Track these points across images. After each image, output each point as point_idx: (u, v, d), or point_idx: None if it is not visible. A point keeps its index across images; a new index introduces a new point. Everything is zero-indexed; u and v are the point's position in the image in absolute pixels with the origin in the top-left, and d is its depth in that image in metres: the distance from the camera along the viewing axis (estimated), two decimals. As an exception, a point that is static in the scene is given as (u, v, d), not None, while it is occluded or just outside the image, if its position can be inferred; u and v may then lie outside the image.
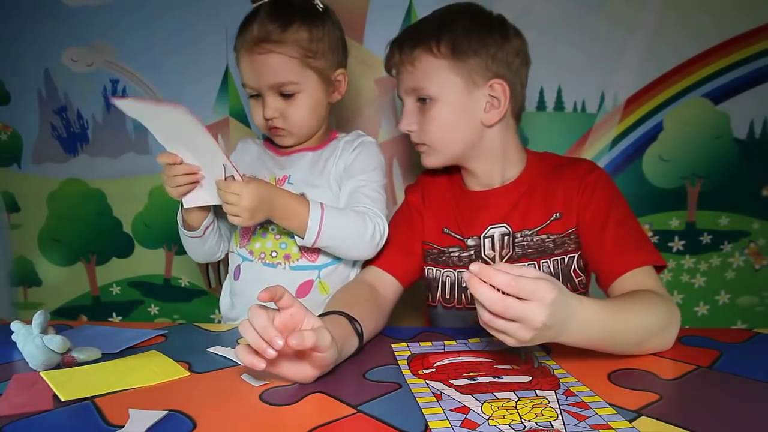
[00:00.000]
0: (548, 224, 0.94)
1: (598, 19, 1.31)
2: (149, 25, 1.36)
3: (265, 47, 0.93)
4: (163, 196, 1.42)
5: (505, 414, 0.59)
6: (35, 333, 0.76)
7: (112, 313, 1.49)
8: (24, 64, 1.40)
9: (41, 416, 0.61)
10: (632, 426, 0.56)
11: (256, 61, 0.94)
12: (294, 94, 0.96)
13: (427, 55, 0.92)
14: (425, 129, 0.95)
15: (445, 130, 0.94)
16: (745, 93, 1.32)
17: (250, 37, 0.93)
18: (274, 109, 0.96)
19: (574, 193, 0.93)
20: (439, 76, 0.92)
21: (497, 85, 0.92)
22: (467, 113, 0.94)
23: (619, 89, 1.33)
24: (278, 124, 0.97)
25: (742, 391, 0.66)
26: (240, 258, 1.01)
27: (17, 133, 1.43)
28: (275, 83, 0.94)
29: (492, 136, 0.96)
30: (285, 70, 0.94)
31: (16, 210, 1.47)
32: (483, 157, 0.97)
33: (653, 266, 0.87)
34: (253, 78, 0.95)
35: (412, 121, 0.96)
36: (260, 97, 0.97)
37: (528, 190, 0.97)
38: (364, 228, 0.92)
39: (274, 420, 0.61)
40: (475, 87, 0.92)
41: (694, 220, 1.36)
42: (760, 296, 1.39)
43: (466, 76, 0.91)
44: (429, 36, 0.92)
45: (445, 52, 0.91)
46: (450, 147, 0.96)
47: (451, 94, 0.92)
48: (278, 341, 0.63)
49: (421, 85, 0.93)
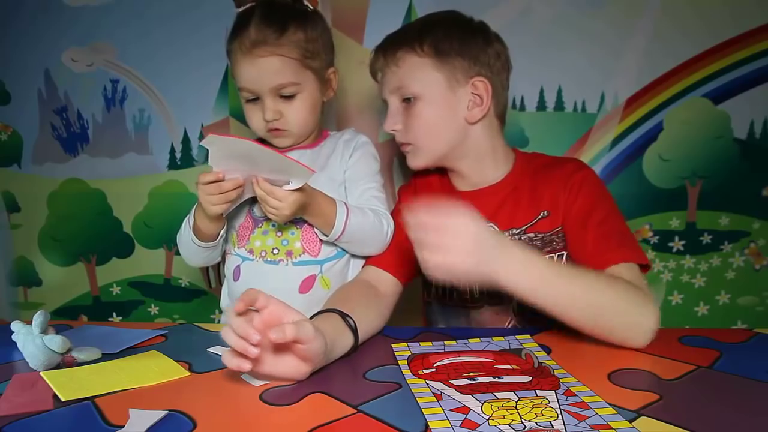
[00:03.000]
0: (535, 222, 0.95)
1: (598, 19, 1.31)
2: (149, 25, 1.36)
3: (265, 50, 0.93)
4: (163, 196, 1.42)
5: (505, 414, 0.59)
6: (35, 333, 0.76)
7: (112, 313, 1.49)
8: (24, 64, 1.40)
9: (41, 416, 0.61)
10: (632, 426, 0.56)
11: (256, 63, 0.94)
12: (294, 95, 0.97)
13: (410, 55, 0.94)
14: (410, 128, 0.97)
15: (430, 128, 0.96)
16: (745, 93, 1.32)
17: (248, 40, 0.94)
18: (274, 111, 0.96)
19: (560, 191, 0.93)
20: (423, 74, 0.94)
21: (479, 83, 0.94)
22: (451, 111, 0.95)
23: (619, 89, 1.33)
24: (279, 125, 0.98)
25: (742, 391, 0.66)
26: (239, 258, 1.01)
27: (17, 133, 1.43)
28: (276, 85, 0.95)
29: (476, 136, 0.97)
30: (286, 72, 0.95)
31: (16, 210, 1.47)
32: (468, 156, 0.98)
33: (637, 266, 0.86)
34: (253, 81, 0.96)
35: (397, 120, 0.98)
36: (258, 100, 0.97)
37: (515, 190, 0.97)
38: (380, 226, 0.96)
39: (274, 420, 0.61)
40: (458, 85, 0.94)
41: (694, 220, 1.36)
42: (760, 296, 1.38)
43: (448, 74, 0.94)
44: (412, 38, 0.95)
45: (428, 51, 0.93)
46: (434, 146, 0.97)
47: (435, 92, 0.94)
48: (254, 336, 0.64)
49: (405, 83, 0.95)
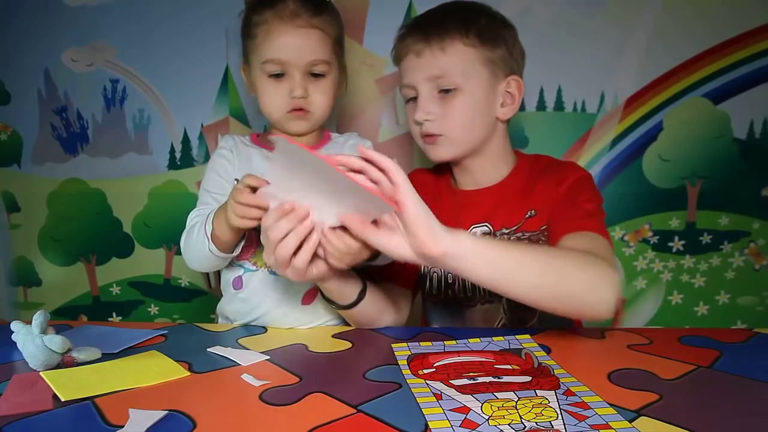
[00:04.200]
0: (524, 222, 0.95)
1: (598, 19, 1.31)
2: (149, 25, 1.36)
3: (308, 21, 0.91)
4: (163, 196, 1.42)
5: (505, 414, 0.59)
6: (35, 333, 0.75)
7: (112, 313, 1.49)
8: (24, 64, 1.40)
9: (41, 416, 0.61)
10: (632, 426, 0.56)
11: (296, 34, 0.92)
12: (322, 76, 0.95)
13: (459, 41, 0.90)
14: (445, 119, 0.93)
15: (466, 121, 0.94)
16: (744, 93, 1.32)
17: (288, 10, 0.91)
18: (304, 88, 0.93)
19: (550, 190, 0.93)
20: (469, 66, 0.91)
21: (513, 81, 0.94)
22: (488, 106, 0.94)
23: (619, 89, 1.33)
24: (304, 105, 0.95)
25: (742, 391, 0.66)
26: (241, 269, 0.98)
27: (17, 133, 1.43)
28: (312, 60, 0.93)
29: (499, 134, 0.98)
30: (323, 48, 0.93)
31: (16, 210, 1.47)
32: (484, 154, 0.98)
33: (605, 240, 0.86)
34: (288, 51, 0.92)
35: (430, 109, 0.93)
36: (282, 76, 0.94)
37: (511, 191, 0.98)
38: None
39: (274, 420, 0.61)
40: (497, 81, 0.94)
41: (694, 219, 1.36)
42: (760, 296, 1.39)
43: (491, 68, 0.93)
44: (458, 22, 0.91)
45: (473, 41, 0.90)
46: (467, 139, 0.95)
47: (477, 86, 0.92)
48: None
49: (449, 73, 0.91)
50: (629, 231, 1.37)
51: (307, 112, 0.96)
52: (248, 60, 0.99)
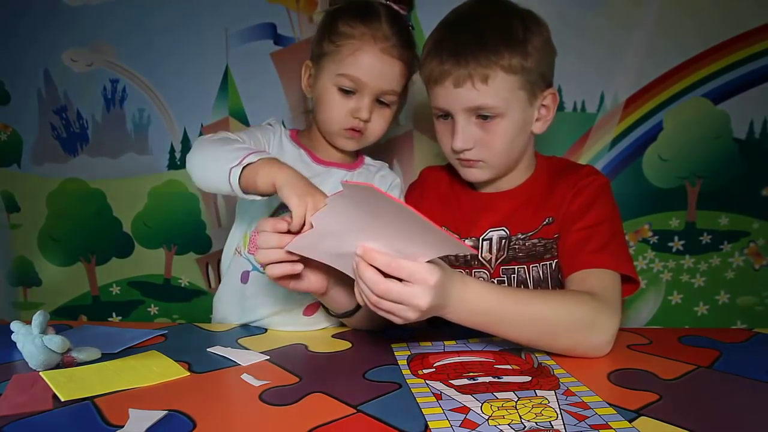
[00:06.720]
0: (540, 229, 0.94)
1: (597, 19, 1.31)
2: (149, 25, 1.36)
3: (397, 52, 0.93)
4: (162, 196, 1.42)
5: (505, 414, 0.59)
6: (35, 333, 0.75)
7: (112, 313, 1.49)
8: (24, 64, 1.40)
9: (41, 416, 0.61)
10: (632, 426, 0.56)
11: (383, 60, 0.92)
12: (387, 105, 0.96)
13: (502, 73, 0.85)
14: (486, 145, 0.90)
15: (506, 146, 0.91)
16: (745, 93, 1.32)
17: (382, 34, 0.91)
18: (371, 112, 0.94)
19: (567, 197, 0.92)
20: (510, 94, 0.87)
21: (549, 95, 0.92)
22: (525, 125, 0.92)
23: (619, 89, 1.33)
24: (362, 128, 0.96)
25: (742, 391, 0.66)
26: (249, 264, 0.98)
27: (17, 133, 1.43)
28: (386, 89, 0.94)
29: (530, 146, 0.97)
30: (399, 81, 0.95)
31: (16, 210, 1.46)
32: (516, 162, 0.96)
33: (616, 275, 0.84)
34: (368, 75, 0.92)
35: (470, 138, 0.89)
36: (352, 94, 0.94)
37: (530, 195, 0.96)
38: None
39: (274, 420, 0.61)
40: (534, 99, 0.91)
41: (693, 219, 1.36)
42: (760, 296, 1.38)
43: (529, 90, 0.89)
44: (497, 46, 0.85)
45: (515, 66, 0.85)
46: (507, 160, 0.94)
47: (517, 109, 0.89)
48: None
49: (490, 104, 0.86)
50: (629, 231, 1.37)
51: (362, 134, 0.97)
52: (319, 62, 0.97)
